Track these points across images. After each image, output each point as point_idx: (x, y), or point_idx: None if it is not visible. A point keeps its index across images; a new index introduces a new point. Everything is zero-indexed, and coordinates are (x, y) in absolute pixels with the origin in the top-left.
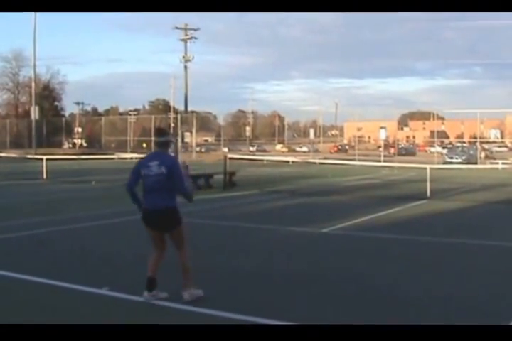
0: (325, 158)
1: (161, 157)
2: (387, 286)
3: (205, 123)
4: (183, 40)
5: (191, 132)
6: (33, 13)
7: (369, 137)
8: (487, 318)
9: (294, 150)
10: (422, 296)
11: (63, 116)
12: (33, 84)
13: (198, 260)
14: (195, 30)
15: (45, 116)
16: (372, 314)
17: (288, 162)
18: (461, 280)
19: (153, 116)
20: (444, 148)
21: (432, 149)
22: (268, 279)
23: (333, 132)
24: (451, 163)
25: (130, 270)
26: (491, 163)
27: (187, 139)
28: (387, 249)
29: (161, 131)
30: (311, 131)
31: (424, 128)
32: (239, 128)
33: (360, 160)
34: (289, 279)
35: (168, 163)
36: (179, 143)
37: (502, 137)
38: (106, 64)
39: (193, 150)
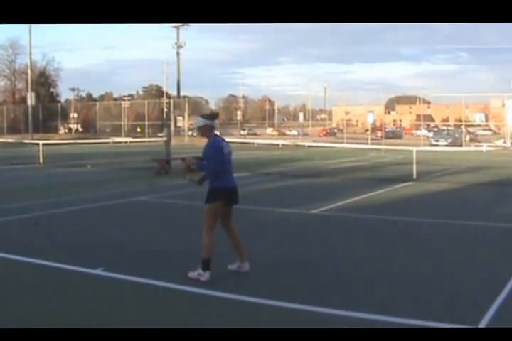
0: (314, 141)
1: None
2: (372, 268)
3: (197, 107)
4: (175, 27)
5: (183, 116)
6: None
7: (357, 121)
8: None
9: (284, 134)
10: (400, 272)
11: (59, 102)
12: (29, 71)
13: (181, 238)
14: None
15: (41, 102)
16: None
17: (278, 145)
18: (437, 258)
19: (146, 101)
20: (429, 131)
21: (418, 132)
22: (254, 259)
23: (322, 116)
24: (436, 145)
25: (122, 250)
26: (476, 146)
27: (179, 123)
28: (375, 230)
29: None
30: (301, 115)
31: (410, 112)
32: (230, 113)
33: (348, 143)
34: (276, 258)
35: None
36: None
37: (486, 121)
38: (100, 51)
39: (185, 134)
